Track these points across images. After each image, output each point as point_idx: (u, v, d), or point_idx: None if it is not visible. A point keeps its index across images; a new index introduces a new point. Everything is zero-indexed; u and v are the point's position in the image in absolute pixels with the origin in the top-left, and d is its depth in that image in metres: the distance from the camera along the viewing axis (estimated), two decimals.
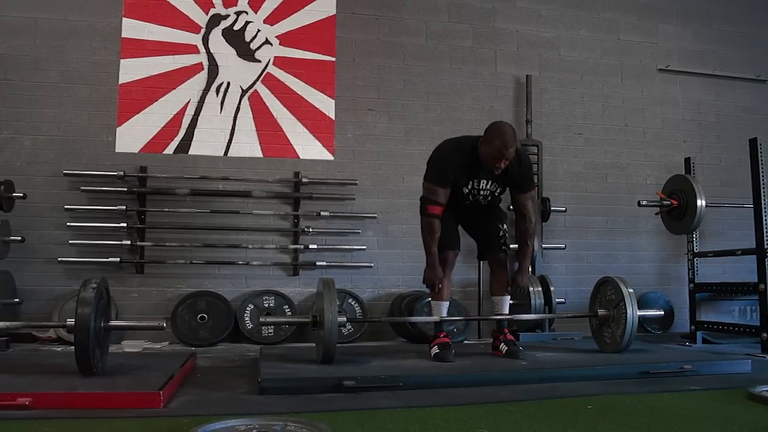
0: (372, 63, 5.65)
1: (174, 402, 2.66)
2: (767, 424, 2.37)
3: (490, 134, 3.48)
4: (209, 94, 5.32)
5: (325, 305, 3.31)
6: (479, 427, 2.29)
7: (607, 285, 3.97)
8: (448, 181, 3.57)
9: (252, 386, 3.03)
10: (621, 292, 3.78)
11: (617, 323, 3.80)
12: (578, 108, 6.12)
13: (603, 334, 3.95)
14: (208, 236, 5.19)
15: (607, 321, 3.89)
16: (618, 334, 3.77)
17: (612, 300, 3.87)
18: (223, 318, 4.94)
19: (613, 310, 3.85)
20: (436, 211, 3.57)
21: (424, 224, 3.62)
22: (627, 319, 3.69)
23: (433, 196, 3.58)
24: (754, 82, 6.62)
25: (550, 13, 6.15)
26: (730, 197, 5.78)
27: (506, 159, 3.45)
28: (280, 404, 2.64)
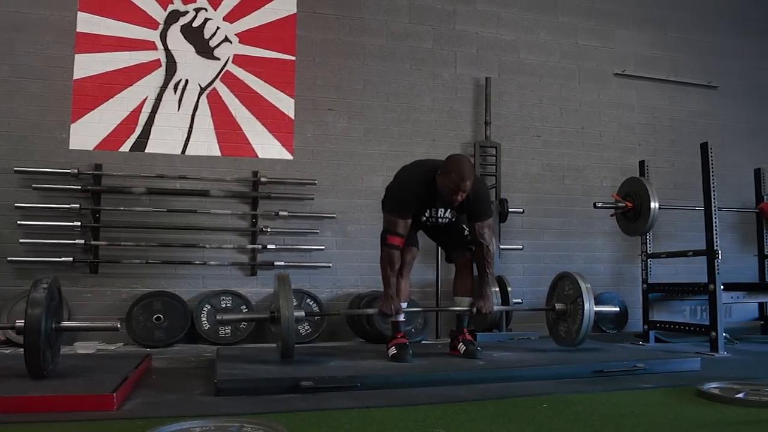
0: (332, 63, 5.63)
1: (128, 404, 2.63)
2: (715, 420, 2.44)
3: (447, 167, 3.50)
4: (167, 91, 5.24)
5: (281, 301, 3.31)
6: (436, 426, 2.31)
7: (565, 280, 4.03)
8: (408, 214, 3.60)
9: (208, 387, 3.00)
10: (579, 288, 3.83)
11: (574, 318, 3.86)
12: (536, 110, 6.19)
13: (559, 329, 4.01)
14: (165, 236, 5.11)
15: (563, 315, 3.96)
16: (574, 328, 3.83)
17: (570, 295, 3.93)
18: (179, 318, 4.88)
19: (570, 305, 3.91)
20: (397, 242, 3.58)
21: (384, 255, 3.62)
22: (584, 314, 3.75)
23: (393, 228, 3.59)
24: (707, 88, 6.79)
25: (510, 16, 6.21)
26: (682, 200, 5.91)
27: (463, 192, 3.46)
28: (236, 405, 2.62)
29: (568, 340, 3.86)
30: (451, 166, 3.49)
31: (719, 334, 4.44)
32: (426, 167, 3.66)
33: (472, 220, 3.71)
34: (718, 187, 4.75)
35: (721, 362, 4.08)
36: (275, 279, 3.50)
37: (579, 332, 3.78)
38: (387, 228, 3.62)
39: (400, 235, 3.57)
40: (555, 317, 4.04)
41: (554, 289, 4.13)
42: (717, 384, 3.01)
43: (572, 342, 3.81)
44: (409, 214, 3.60)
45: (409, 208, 3.60)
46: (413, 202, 3.60)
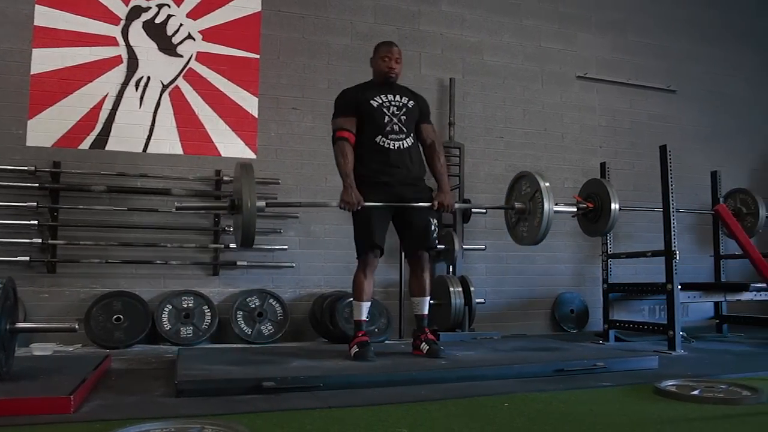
0: (297, 62, 5.61)
1: (85, 407, 2.58)
2: (671, 417, 2.50)
3: (374, 49, 3.99)
4: (128, 88, 5.16)
5: (243, 188, 3.30)
6: (398, 426, 2.31)
7: (523, 179, 4.05)
8: (350, 108, 3.82)
9: (169, 388, 2.96)
10: (537, 185, 3.86)
11: (533, 215, 3.89)
12: (500, 112, 6.24)
13: (520, 228, 4.03)
14: (125, 235, 5.03)
15: (523, 214, 3.98)
16: (534, 226, 3.86)
17: (528, 193, 3.96)
18: (139, 319, 4.81)
19: (529, 202, 3.94)
20: (345, 134, 3.78)
21: (336, 149, 3.78)
22: (543, 212, 3.78)
23: (339, 125, 3.82)
24: (666, 92, 6.92)
25: (474, 17, 6.25)
26: (642, 201, 6.01)
27: (396, 57, 3.89)
28: (197, 406, 2.60)
29: (530, 238, 3.90)
30: (376, 45, 3.99)
31: (676, 332, 4.53)
32: None
33: (420, 122, 3.94)
34: (677, 189, 4.83)
35: (678, 360, 4.16)
36: (237, 166, 3.51)
37: (539, 229, 3.81)
38: (334, 128, 3.84)
39: (347, 129, 3.78)
40: (516, 217, 4.07)
41: (513, 188, 4.15)
42: (674, 382, 3.09)
43: (534, 239, 3.85)
44: (352, 109, 3.81)
45: (352, 101, 3.83)
46: (354, 95, 3.86)
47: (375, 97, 3.84)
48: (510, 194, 4.17)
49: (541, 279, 6.19)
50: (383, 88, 3.91)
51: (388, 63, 3.88)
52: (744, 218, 5.75)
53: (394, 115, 3.82)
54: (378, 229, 3.72)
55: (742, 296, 5.17)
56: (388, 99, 3.86)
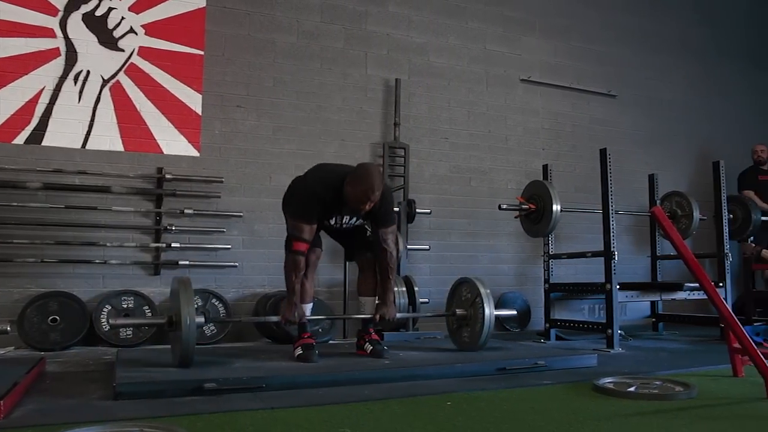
0: (242, 59, 5.54)
1: (17, 411, 2.49)
2: (608, 413, 2.56)
3: (357, 177, 3.43)
4: (66, 82, 5.01)
5: (181, 305, 3.18)
6: (342, 426, 2.31)
7: (463, 285, 4.11)
8: (313, 220, 3.52)
9: (107, 391, 2.88)
10: (478, 292, 3.91)
11: (474, 321, 3.93)
12: (445, 113, 6.29)
13: (462, 334, 4.08)
14: (62, 233, 4.89)
15: (465, 320, 4.02)
16: (476, 331, 3.90)
17: (468, 299, 4.01)
18: (77, 320, 4.68)
19: (470, 309, 3.99)
20: (302, 248, 3.50)
21: (290, 261, 3.53)
22: (484, 317, 3.83)
23: (298, 233, 3.50)
24: (606, 96, 7.10)
25: (421, 19, 6.29)
26: (582, 203, 6.13)
27: (372, 202, 3.43)
28: (136, 409, 2.54)
29: (471, 343, 3.94)
30: (361, 175, 3.43)
31: (615, 331, 4.64)
32: (334, 173, 3.57)
33: (377, 227, 3.67)
34: (616, 192, 4.95)
35: (616, 358, 4.26)
36: (174, 281, 3.37)
37: (480, 335, 3.85)
38: (292, 233, 3.54)
39: (306, 240, 3.50)
40: (457, 323, 4.11)
41: (454, 294, 4.20)
42: (611, 379, 3.16)
43: (475, 345, 3.89)
44: (315, 220, 3.53)
45: (315, 213, 3.52)
46: (319, 207, 3.53)
47: (333, 216, 3.66)
48: (451, 300, 4.20)
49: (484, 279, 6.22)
50: (344, 209, 3.61)
51: (362, 205, 3.44)
52: (679, 220, 5.93)
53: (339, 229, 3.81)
54: None
55: (677, 295, 5.33)
56: (344, 221, 3.70)
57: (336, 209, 3.60)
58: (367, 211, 3.50)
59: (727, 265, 5.39)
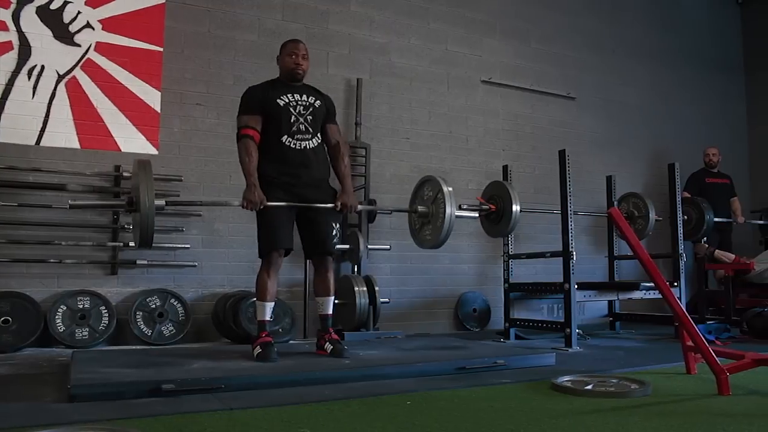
0: (202, 56, 5.48)
1: None
2: (565, 410, 2.60)
3: (282, 45, 3.95)
4: (20, 76, 4.89)
5: (140, 186, 3.19)
6: (301, 426, 2.30)
7: (426, 184, 4.12)
8: (255, 106, 3.76)
9: (61, 394, 2.82)
10: (440, 189, 3.93)
11: (436, 218, 3.96)
12: (406, 113, 6.31)
13: (424, 232, 4.10)
14: (15, 232, 4.77)
15: (426, 217, 4.04)
16: (437, 227, 3.93)
17: (430, 197, 4.02)
18: (30, 321, 4.57)
19: (432, 206, 4.00)
20: (250, 132, 3.72)
21: (241, 146, 3.72)
22: (445, 215, 3.85)
23: (243, 123, 3.75)
24: (565, 98, 7.19)
25: (383, 19, 6.30)
26: (542, 203, 6.21)
27: (302, 54, 3.87)
28: (91, 412, 2.49)
29: (432, 241, 3.97)
30: (282, 44, 3.95)
31: (573, 330, 4.71)
32: None
33: (326, 121, 3.93)
34: (574, 192, 5.03)
35: (574, 357, 4.32)
36: (135, 163, 3.38)
37: (441, 233, 3.88)
38: (239, 126, 3.76)
39: (252, 127, 3.72)
40: (419, 221, 4.13)
41: (416, 193, 4.21)
42: (569, 377, 3.21)
43: (436, 242, 3.93)
44: (257, 107, 3.75)
45: (257, 99, 3.77)
46: (259, 93, 3.79)
47: (281, 96, 3.80)
48: (414, 198, 4.22)
49: (444, 279, 6.30)
50: (290, 86, 3.87)
51: (294, 59, 3.85)
52: (636, 221, 6.04)
53: (300, 115, 3.79)
54: (282, 228, 3.68)
55: (633, 295, 5.43)
56: (295, 98, 3.82)
57: (281, 90, 3.83)
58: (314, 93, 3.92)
59: (681, 265, 5.51)
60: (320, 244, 3.84)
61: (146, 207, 3.19)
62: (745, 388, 3.01)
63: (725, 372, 2.93)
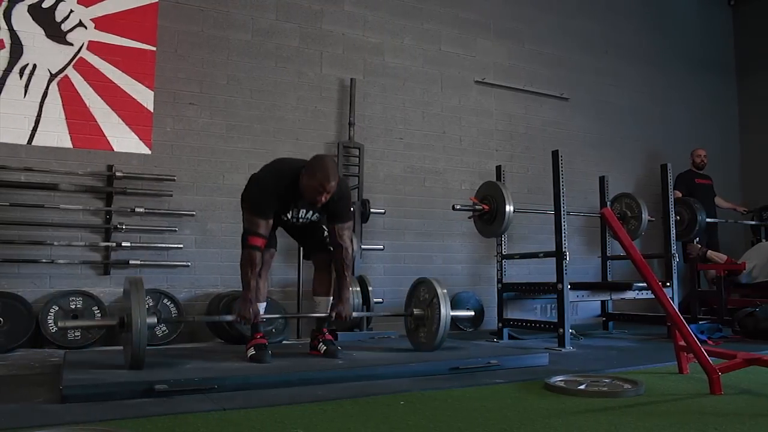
0: (195, 56, 5.46)
1: None
2: (558, 410, 2.60)
3: (312, 168, 3.43)
4: (11, 75, 4.86)
5: (132, 306, 3.13)
6: (295, 427, 2.30)
7: (422, 286, 4.12)
8: (269, 214, 3.51)
9: (53, 395, 2.81)
10: (435, 292, 3.93)
11: (431, 322, 3.95)
12: (399, 113, 6.31)
13: (419, 334, 4.09)
14: (7, 232, 4.74)
15: (422, 320, 4.04)
16: (432, 331, 3.92)
17: (426, 299, 4.02)
18: (22, 321, 4.55)
19: (427, 309, 4.00)
20: (258, 243, 3.48)
21: (245, 256, 3.50)
22: (440, 318, 3.85)
23: (254, 228, 3.48)
24: (559, 99, 7.21)
25: (377, 19, 6.30)
26: (535, 204, 6.21)
27: (327, 193, 3.42)
28: (83, 413, 2.48)
29: (428, 344, 3.96)
30: (316, 166, 3.43)
31: (566, 330, 4.71)
32: (289, 166, 3.58)
33: (332, 222, 3.68)
34: (567, 193, 5.03)
35: (567, 357, 4.32)
36: (126, 281, 3.31)
37: (437, 335, 3.87)
38: (248, 228, 3.51)
39: (262, 235, 3.48)
40: (415, 323, 4.12)
41: (412, 294, 4.21)
42: (562, 377, 3.21)
43: (431, 346, 3.91)
44: (271, 215, 3.52)
45: (271, 208, 3.51)
46: (275, 201, 3.52)
47: (289, 211, 3.64)
48: (409, 300, 4.21)
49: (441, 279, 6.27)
50: (300, 202, 3.61)
51: (318, 196, 3.44)
52: (628, 221, 6.05)
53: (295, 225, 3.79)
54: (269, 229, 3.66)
55: (626, 295, 5.43)
56: (300, 214, 3.68)
57: (292, 202, 3.59)
58: (324, 203, 3.50)
59: (674, 265, 5.53)
60: (317, 244, 3.87)
61: (138, 327, 3.08)
62: (736, 388, 3.03)
63: (717, 371, 2.94)
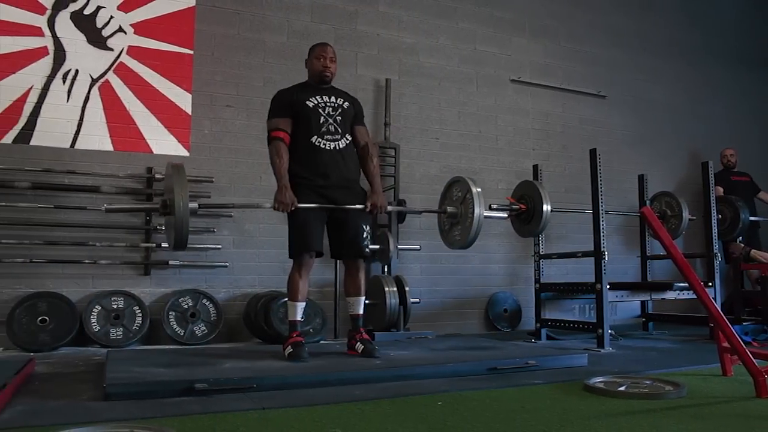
0: (231, 58, 5.52)
1: (6, 413, 2.47)
2: (598, 412, 2.56)
3: (309, 50, 4.00)
4: (55, 81, 4.98)
5: (175, 188, 3.20)
6: (333, 426, 2.30)
7: (455, 185, 4.11)
8: (285, 109, 3.81)
9: (97, 392, 2.86)
10: (469, 189, 3.92)
11: (465, 218, 3.95)
12: (435, 113, 6.30)
13: (453, 233, 4.09)
14: (51, 233, 4.86)
15: (455, 218, 4.04)
16: (466, 227, 3.92)
17: (459, 197, 4.01)
18: (66, 320, 4.65)
19: (461, 206, 4.00)
20: (281, 135, 3.76)
21: (271, 149, 3.77)
22: (473, 215, 3.84)
23: (274, 125, 3.80)
24: (596, 97, 7.12)
25: (411, 19, 6.29)
26: (573, 203, 6.15)
27: (330, 57, 3.91)
28: (126, 410, 2.52)
29: (461, 241, 3.96)
30: (311, 47, 4.01)
31: (605, 330, 4.65)
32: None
33: (354, 123, 3.95)
34: (606, 192, 4.97)
35: (606, 357, 4.27)
36: (168, 166, 3.40)
37: (470, 233, 3.87)
38: (269, 129, 3.82)
39: (282, 129, 3.77)
40: (448, 222, 4.13)
41: (446, 194, 4.21)
42: (602, 378, 3.17)
43: (464, 243, 3.91)
44: (288, 110, 3.80)
45: (286, 101, 3.82)
46: (289, 96, 3.84)
47: (310, 97, 3.83)
48: (443, 199, 4.21)
49: (475, 279, 6.27)
50: (319, 89, 3.91)
51: (323, 62, 3.89)
52: (668, 220, 5.96)
53: (330, 116, 3.82)
54: (312, 230, 3.70)
55: (666, 295, 5.35)
56: (324, 100, 3.85)
57: (310, 92, 3.88)
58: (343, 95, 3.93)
59: (716, 264, 5.42)
60: (351, 246, 3.84)
61: (181, 210, 3.20)
62: None
63: (763, 374, 2.87)
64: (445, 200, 4.19)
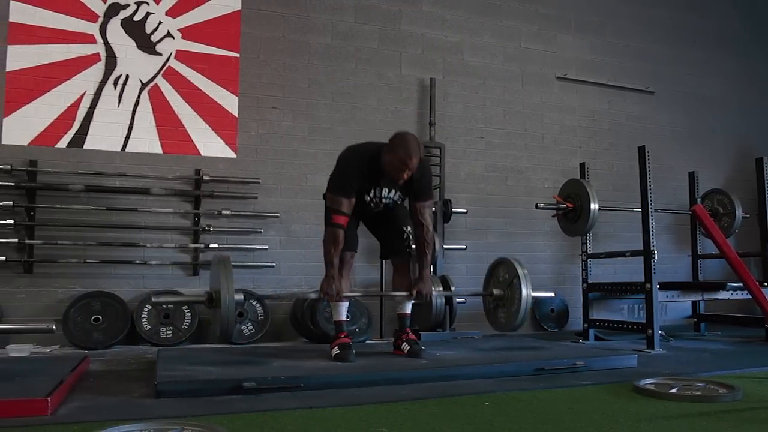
0: (277, 61, 5.58)
1: (63, 409, 2.54)
2: (649, 414, 2.52)
3: (394, 144, 3.46)
4: (106, 86, 5.11)
5: (221, 281, 3.24)
6: (379, 426, 2.31)
7: (501, 266, 4.08)
8: (351, 192, 3.55)
9: (148, 390, 2.93)
10: (515, 272, 3.88)
11: (511, 302, 3.91)
12: (480, 112, 6.26)
13: (498, 314, 4.06)
14: (104, 234, 4.98)
15: (501, 300, 4.00)
16: (512, 312, 3.89)
17: (506, 279, 3.98)
18: (118, 319, 4.77)
19: (507, 289, 3.96)
20: (341, 221, 3.53)
21: (328, 234, 3.56)
22: (521, 298, 3.80)
23: (337, 206, 3.53)
24: (644, 93, 6.99)
25: (455, 18, 6.27)
26: (621, 201, 6.05)
27: (410, 169, 3.45)
28: (177, 408, 2.57)
29: (507, 324, 3.92)
30: (398, 142, 3.45)
31: (655, 331, 4.57)
32: (371, 146, 3.63)
33: (414, 200, 3.69)
34: (655, 190, 4.87)
35: (656, 359, 4.19)
36: (214, 259, 3.42)
37: (516, 317, 3.83)
38: (331, 207, 3.57)
39: (344, 213, 3.53)
40: (494, 303, 4.09)
41: (491, 275, 4.18)
42: (652, 380, 3.11)
43: (511, 326, 3.87)
44: (353, 193, 3.56)
45: (353, 186, 3.55)
46: (357, 179, 3.56)
47: (372, 190, 3.67)
48: (488, 280, 4.19)
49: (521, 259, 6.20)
50: (382, 181, 3.65)
51: (400, 173, 3.48)
52: (721, 218, 5.82)
53: (377, 206, 3.77)
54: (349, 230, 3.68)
55: (719, 295, 5.22)
56: (381, 195, 3.70)
57: (374, 180, 3.62)
58: (406, 181, 3.53)
59: None
60: (395, 245, 3.87)
61: (227, 303, 3.21)
62: None
63: None
64: (490, 281, 4.16)
